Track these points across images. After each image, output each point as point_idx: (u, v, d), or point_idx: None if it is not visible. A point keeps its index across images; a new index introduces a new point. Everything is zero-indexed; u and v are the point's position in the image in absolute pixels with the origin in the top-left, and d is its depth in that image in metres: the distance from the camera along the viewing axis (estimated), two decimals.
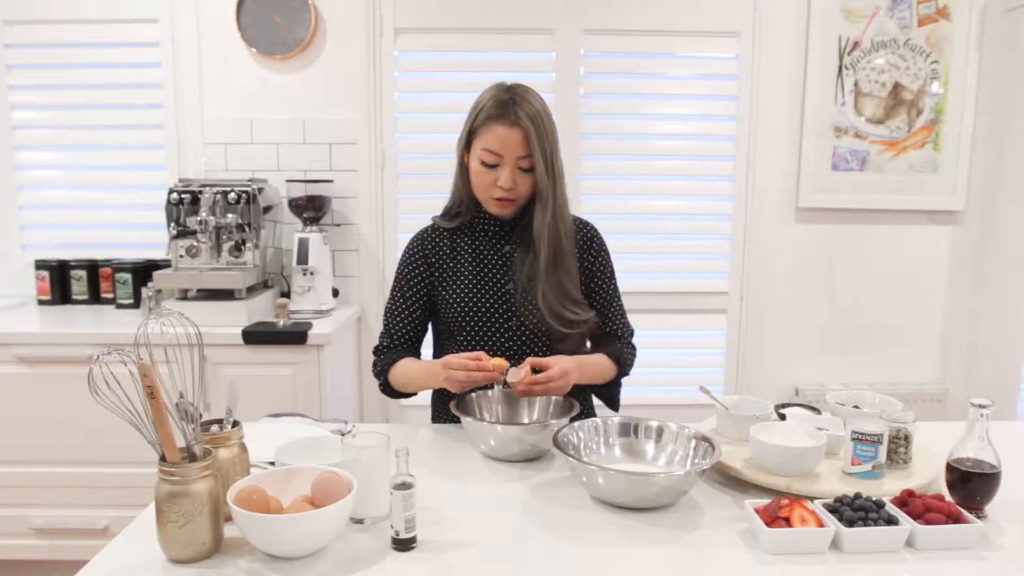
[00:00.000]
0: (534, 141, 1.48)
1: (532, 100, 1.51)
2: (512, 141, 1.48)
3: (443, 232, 1.64)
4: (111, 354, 0.98)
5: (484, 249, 1.61)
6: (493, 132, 1.49)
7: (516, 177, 1.51)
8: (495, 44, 2.74)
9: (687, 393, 2.86)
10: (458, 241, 1.62)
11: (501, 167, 1.50)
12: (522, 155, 1.49)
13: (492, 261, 1.60)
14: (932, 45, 2.77)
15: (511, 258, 1.60)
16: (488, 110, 1.50)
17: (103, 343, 2.27)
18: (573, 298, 1.56)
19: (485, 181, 1.52)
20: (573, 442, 1.31)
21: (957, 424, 1.40)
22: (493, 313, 1.57)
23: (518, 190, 1.52)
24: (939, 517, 1.06)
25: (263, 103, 2.75)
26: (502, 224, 1.61)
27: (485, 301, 1.57)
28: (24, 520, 2.37)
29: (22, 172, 2.80)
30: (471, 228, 1.63)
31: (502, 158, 1.50)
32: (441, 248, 1.62)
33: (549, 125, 1.52)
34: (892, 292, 2.93)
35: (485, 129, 1.50)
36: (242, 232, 2.47)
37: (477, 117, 1.52)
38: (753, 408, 1.44)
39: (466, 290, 1.58)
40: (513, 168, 1.50)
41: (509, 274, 1.59)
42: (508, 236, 1.61)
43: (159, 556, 1.02)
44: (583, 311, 1.57)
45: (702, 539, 1.09)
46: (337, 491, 1.03)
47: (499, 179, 1.50)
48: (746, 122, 2.81)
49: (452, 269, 1.60)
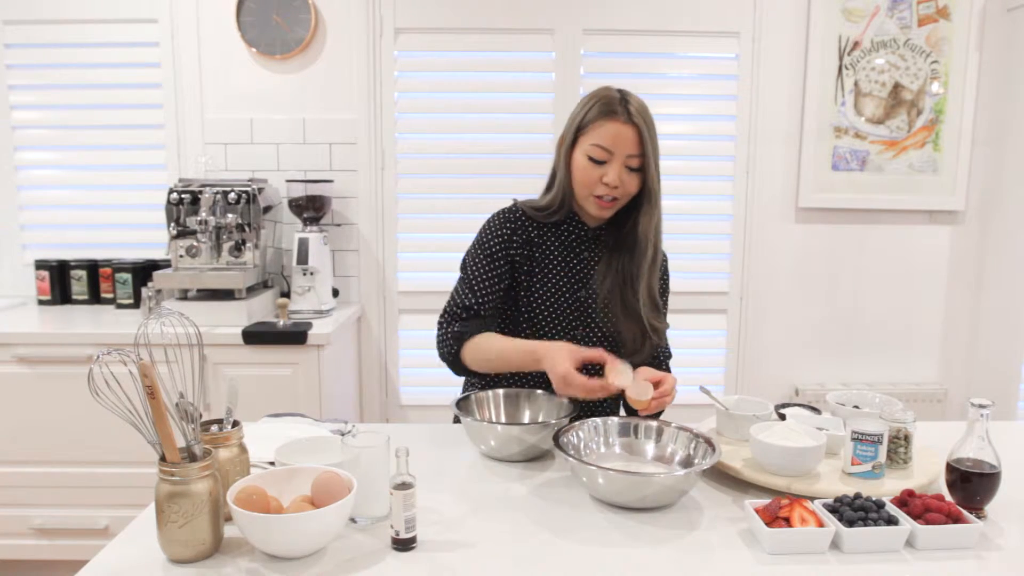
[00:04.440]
0: (648, 140, 1.47)
1: (646, 107, 1.51)
2: (624, 137, 1.46)
3: (531, 222, 1.58)
4: (111, 354, 0.98)
5: (566, 252, 1.59)
6: (605, 128, 1.46)
7: (623, 175, 1.48)
8: (495, 44, 2.74)
9: (687, 393, 2.84)
10: (545, 237, 1.59)
11: (610, 164, 1.47)
12: (632, 153, 1.47)
13: (573, 266, 1.58)
14: (932, 45, 2.77)
15: (591, 265, 1.59)
16: (600, 106, 1.48)
17: (103, 343, 2.27)
18: (657, 306, 1.57)
19: (591, 178, 1.49)
20: (573, 442, 1.31)
21: (957, 424, 1.41)
22: (563, 318, 1.56)
23: (623, 189, 1.49)
24: (939, 517, 1.06)
25: (263, 103, 2.75)
26: (588, 231, 1.60)
27: (558, 305, 1.56)
28: (24, 520, 2.37)
29: (22, 172, 2.80)
30: (558, 228, 1.60)
31: (612, 155, 1.47)
32: (529, 236, 1.57)
33: (655, 130, 1.51)
34: (892, 292, 2.93)
35: (596, 125, 1.47)
36: (242, 232, 2.47)
37: (588, 113, 1.49)
38: (753, 408, 1.44)
39: (542, 291, 1.56)
40: (621, 166, 1.48)
41: (584, 281, 1.58)
42: (591, 244, 1.60)
43: (159, 556, 1.02)
44: (662, 323, 1.59)
45: (702, 539, 1.09)
46: (337, 491, 1.03)
47: (606, 175, 1.47)
48: (746, 122, 2.81)
49: (534, 263, 1.57)
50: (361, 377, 2.87)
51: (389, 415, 2.91)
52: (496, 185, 2.78)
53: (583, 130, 1.50)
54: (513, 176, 2.79)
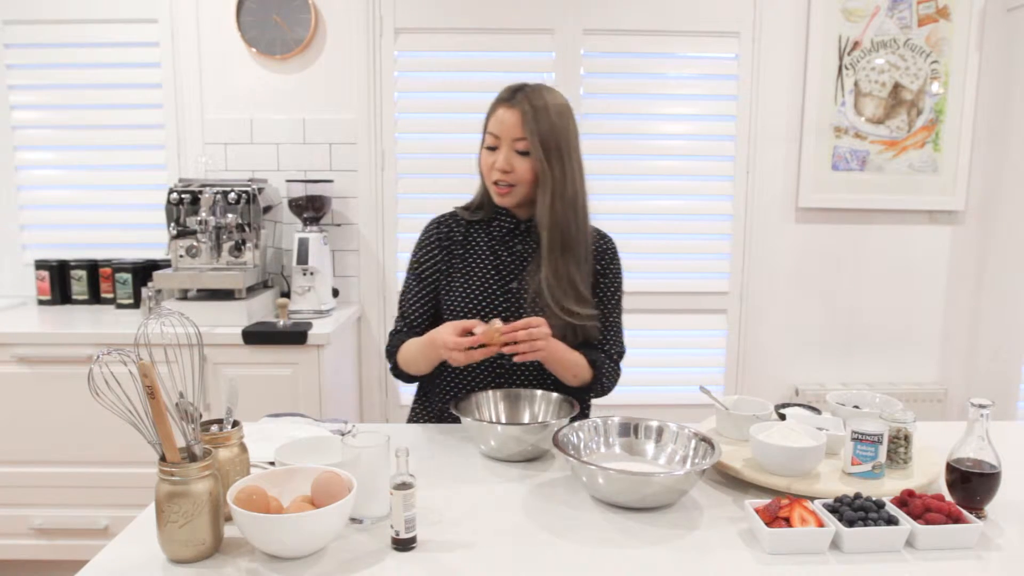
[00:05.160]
0: (531, 122, 1.48)
1: (543, 93, 1.52)
2: (509, 122, 1.50)
3: (461, 221, 1.65)
4: (111, 354, 0.98)
5: (497, 246, 1.61)
6: (495, 115, 1.53)
7: (512, 160, 1.50)
8: (495, 44, 2.74)
9: (687, 393, 2.86)
10: (473, 234, 1.63)
11: (499, 150, 1.52)
12: (518, 136, 1.49)
13: (504, 259, 1.60)
14: (932, 45, 2.77)
15: (524, 258, 1.60)
16: (498, 97, 1.55)
17: (103, 343, 2.27)
18: (578, 291, 1.55)
19: (487, 164, 1.55)
20: (573, 442, 1.31)
21: (957, 424, 1.41)
22: (496, 310, 1.57)
23: (516, 174, 1.51)
24: (939, 517, 1.06)
25: (263, 103, 2.75)
26: (518, 223, 1.61)
27: (489, 297, 1.58)
28: (24, 520, 2.37)
29: (22, 172, 2.80)
30: (488, 224, 1.64)
31: (500, 139, 1.51)
32: (455, 236, 1.63)
33: (558, 118, 1.51)
34: (892, 292, 2.93)
35: (491, 114, 1.55)
36: (242, 232, 2.47)
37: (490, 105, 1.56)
38: (753, 408, 1.44)
39: (472, 283, 1.59)
40: (510, 150, 1.50)
41: (517, 273, 1.59)
42: (523, 236, 1.62)
43: (159, 556, 1.02)
44: (585, 307, 1.56)
45: (702, 539, 1.09)
46: (337, 491, 1.03)
47: (496, 161, 1.51)
48: (746, 122, 2.81)
49: (462, 260, 1.61)
50: (361, 377, 2.87)
51: (389, 415, 2.91)
52: None
53: (486, 121, 1.56)
54: None
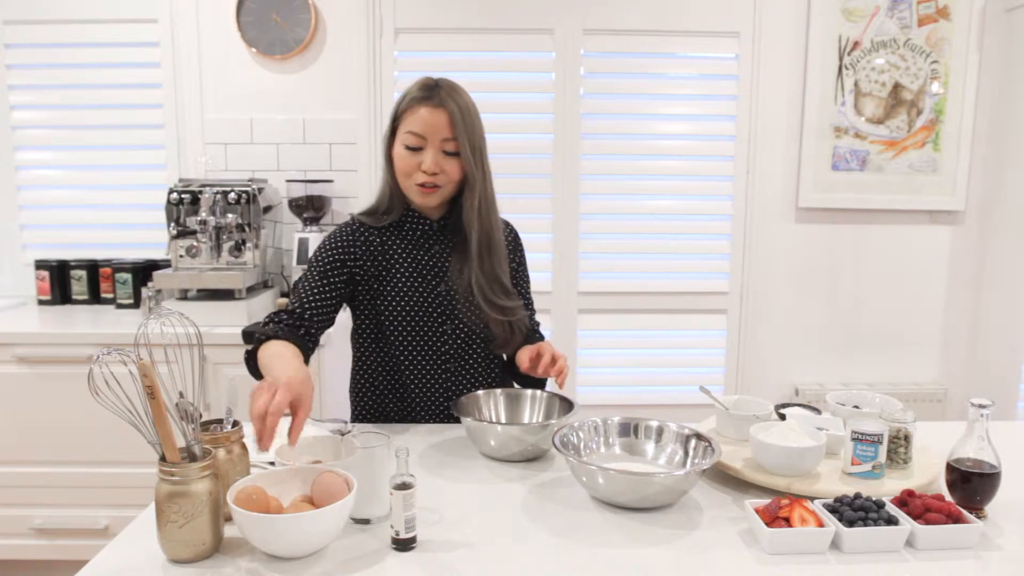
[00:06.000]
0: (460, 123, 1.45)
1: (460, 92, 1.50)
2: (437, 122, 1.45)
3: (371, 230, 1.57)
4: (111, 354, 0.98)
5: (415, 250, 1.57)
6: (418, 114, 1.46)
7: (441, 161, 1.47)
8: (495, 44, 2.74)
9: (687, 393, 2.86)
10: (388, 241, 1.57)
11: (425, 150, 1.47)
12: (447, 137, 1.46)
13: (424, 262, 1.56)
14: (932, 45, 2.77)
15: (443, 259, 1.57)
16: (413, 94, 1.49)
17: (103, 343, 2.27)
18: (505, 287, 1.56)
19: (408, 165, 1.48)
20: (573, 442, 1.31)
21: (957, 424, 1.41)
22: (428, 316, 1.54)
23: (445, 176, 1.48)
24: (939, 517, 1.06)
25: (263, 103, 2.75)
26: (432, 224, 1.58)
27: (420, 303, 1.54)
28: (24, 520, 2.37)
29: (22, 172, 2.80)
30: (400, 228, 1.58)
31: (426, 140, 1.46)
32: (371, 246, 1.55)
33: (477, 120, 1.50)
34: (892, 292, 2.93)
35: (410, 112, 1.47)
36: (242, 232, 2.47)
37: (402, 103, 1.50)
38: (753, 408, 1.44)
39: (400, 292, 1.54)
40: (438, 151, 1.47)
41: (441, 275, 1.56)
42: (439, 237, 1.59)
43: (159, 556, 1.02)
44: (513, 300, 1.57)
45: (702, 539, 1.09)
46: (337, 491, 1.03)
47: (423, 162, 1.47)
48: (746, 122, 2.81)
49: (385, 269, 1.55)
50: None
51: None
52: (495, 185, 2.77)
53: (399, 119, 1.50)
54: (513, 176, 2.79)
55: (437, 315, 1.55)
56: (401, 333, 1.55)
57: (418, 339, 1.55)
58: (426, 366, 1.56)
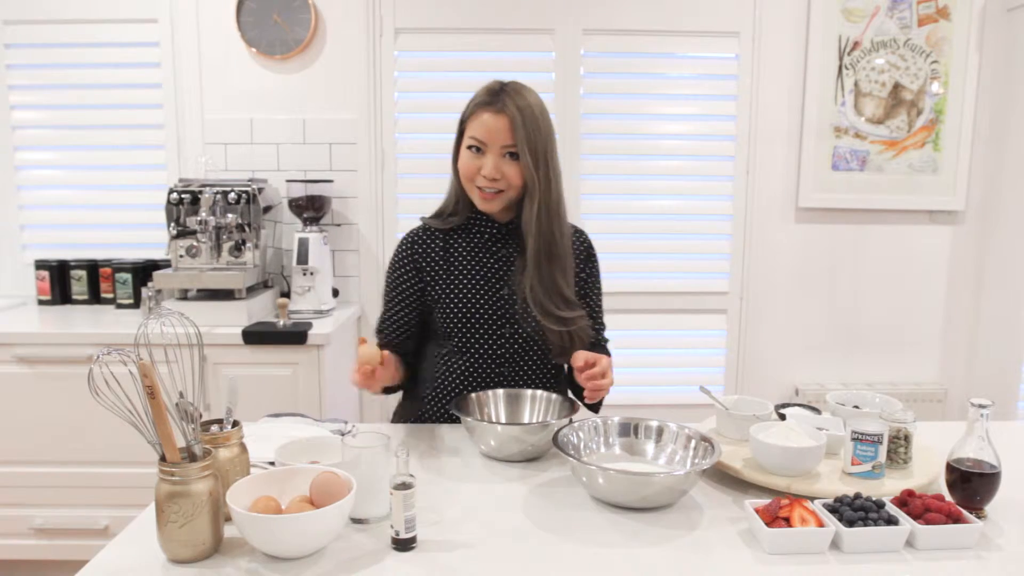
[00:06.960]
0: (520, 129, 1.46)
1: (524, 94, 1.50)
2: (497, 128, 1.47)
3: (435, 233, 1.60)
4: (111, 354, 0.98)
5: (480, 252, 1.58)
6: (480, 119, 1.48)
7: (502, 166, 1.48)
8: (495, 44, 2.74)
9: (687, 393, 2.86)
10: (452, 243, 1.59)
11: (486, 155, 1.48)
12: (507, 143, 1.47)
13: (488, 265, 1.57)
14: (932, 45, 2.77)
15: (509, 262, 1.57)
16: (478, 99, 1.51)
17: (103, 343, 2.27)
18: (564, 296, 1.53)
19: (470, 169, 1.50)
20: (573, 442, 1.31)
21: (957, 424, 1.41)
22: (487, 319, 1.55)
23: (505, 180, 1.49)
24: (939, 517, 1.06)
25: (263, 103, 2.75)
26: (500, 227, 1.59)
27: (480, 306, 1.55)
28: (24, 520, 2.37)
29: (22, 172, 2.80)
30: (467, 230, 1.60)
31: (487, 145, 1.48)
32: (433, 250, 1.59)
33: (542, 120, 1.50)
34: (892, 292, 2.93)
35: (474, 118, 1.50)
36: (242, 232, 2.47)
37: (468, 107, 1.52)
38: (753, 408, 1.44)
39: (460, 294, 1.55)
40: (498, 156, 1.48)
41: (505, 279, 1.56)
42: (506, 239, 1.59)
43: (159, 556, 1.02)
44: (573, 310, 1.54)
45: (702, 539, 1.09)
46: (337, 491, 1.03)
47: (483, 167, 1.48)
48: (746, 122, 2.81)
49: (446, 271, 1.57)
50: None
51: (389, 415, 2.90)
52: None
53: (465, 124, 1.53)
54: None
55: (497, 318, 1.55)
56: (460, 333, 1.56)
57: (476, 340, 1.56)
58: (483, 368, 1.56)
